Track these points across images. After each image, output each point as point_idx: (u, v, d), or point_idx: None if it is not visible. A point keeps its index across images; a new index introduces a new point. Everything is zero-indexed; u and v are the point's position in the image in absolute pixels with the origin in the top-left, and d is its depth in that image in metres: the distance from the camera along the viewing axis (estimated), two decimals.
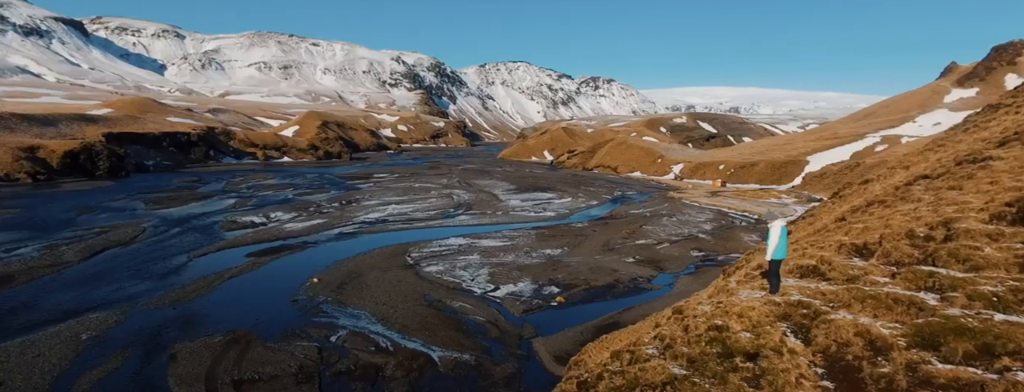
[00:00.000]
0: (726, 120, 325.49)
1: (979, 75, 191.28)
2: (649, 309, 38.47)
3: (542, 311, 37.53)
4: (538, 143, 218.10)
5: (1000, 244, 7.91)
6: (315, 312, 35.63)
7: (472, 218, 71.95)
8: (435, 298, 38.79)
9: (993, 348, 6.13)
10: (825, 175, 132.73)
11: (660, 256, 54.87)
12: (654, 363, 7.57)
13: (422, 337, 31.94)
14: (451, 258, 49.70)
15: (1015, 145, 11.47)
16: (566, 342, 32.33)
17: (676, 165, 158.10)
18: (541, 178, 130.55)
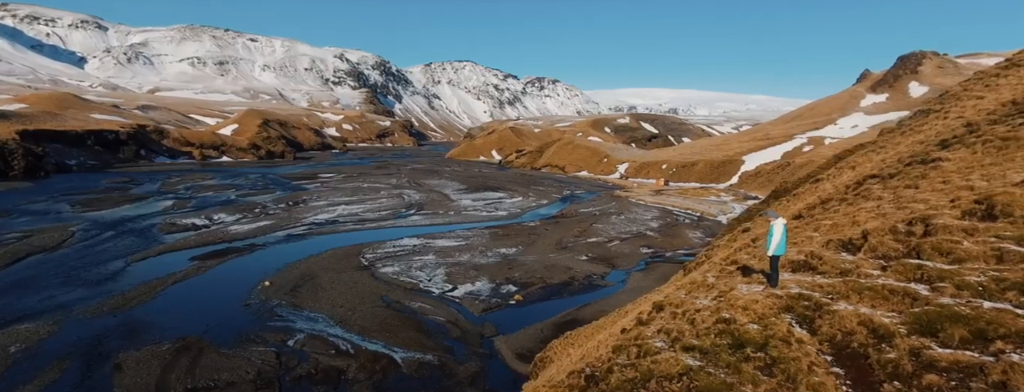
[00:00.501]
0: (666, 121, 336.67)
1: (888, 82, 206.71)
2: (605, 305, 39.67)
3: (501, 310, 37.98)
4: (486, 143, 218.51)
5: (976, 238, 8.52)
6: (269, 316, 34.66)
7: (425, 218, 71.55)
8: (393, 299, 38.53)
9: (986, 333, 6.70)
10: (760, 174, 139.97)
11: (612, 253, 56.45)
12: (665, 355, 7.90)
13: (383, 339, 31.73)
14: (407, 259, 49.36)
15: (958, 147, 12.81)
16: (527, 340, 32.92)
17: (621, 164, 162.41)
18: (491, 178, 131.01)
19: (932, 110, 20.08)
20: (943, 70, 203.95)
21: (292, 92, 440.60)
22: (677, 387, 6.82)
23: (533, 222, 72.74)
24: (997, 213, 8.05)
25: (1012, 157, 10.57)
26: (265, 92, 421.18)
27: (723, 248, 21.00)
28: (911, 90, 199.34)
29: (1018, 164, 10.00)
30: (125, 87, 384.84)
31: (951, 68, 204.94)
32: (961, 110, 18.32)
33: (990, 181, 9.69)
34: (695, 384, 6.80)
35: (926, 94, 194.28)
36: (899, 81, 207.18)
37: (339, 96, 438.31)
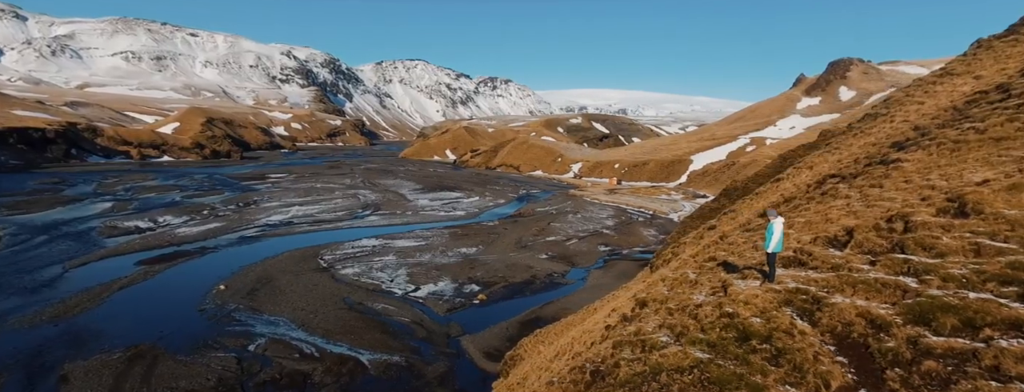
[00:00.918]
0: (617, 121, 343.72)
1: (821, 86, 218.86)
2: (567, 303, 40.48)
3: (466, 309, 38.15)
4: (440, 142, 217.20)
5: (953, 234, 9.10)
6: (227, 321, 33.60)
7: (382, 218, 70.68)
8: (355, 301, 38.04)
9: (974, 321, 7.18)
10: (707, 173, 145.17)
11: (570, 252, 57.46)
12: (673, 350, 8.16)
13: (348, 341, 31.35)
14: (366, 260, 48.74)
15: (914, 149, 13.90)
16: (493, 338, 33.25)
17: (575, 164, 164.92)
18: (446, 177, 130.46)
19: (879, 114, 21.68)
20: (867, 76, 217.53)
21: (237, 90, 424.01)
22: (688, 379, 7.14)
23: (492, 222, 73.06)
24: (969, 211, 8.91)
25: (964, 158, 11.72)
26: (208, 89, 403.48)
27: (690, 245, 21.90)
28: (841, 94, 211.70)
29: (970, 165, 11.11)
30: (50, 82, 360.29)
31: (874, 74, 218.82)
32: (905, 114, 19.92)
33: (949, 181, 10.73)
34: (706, 375, 7.12)
35: (854, 98, 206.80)
36: (830, 85, 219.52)
37: (287, 94, 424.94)
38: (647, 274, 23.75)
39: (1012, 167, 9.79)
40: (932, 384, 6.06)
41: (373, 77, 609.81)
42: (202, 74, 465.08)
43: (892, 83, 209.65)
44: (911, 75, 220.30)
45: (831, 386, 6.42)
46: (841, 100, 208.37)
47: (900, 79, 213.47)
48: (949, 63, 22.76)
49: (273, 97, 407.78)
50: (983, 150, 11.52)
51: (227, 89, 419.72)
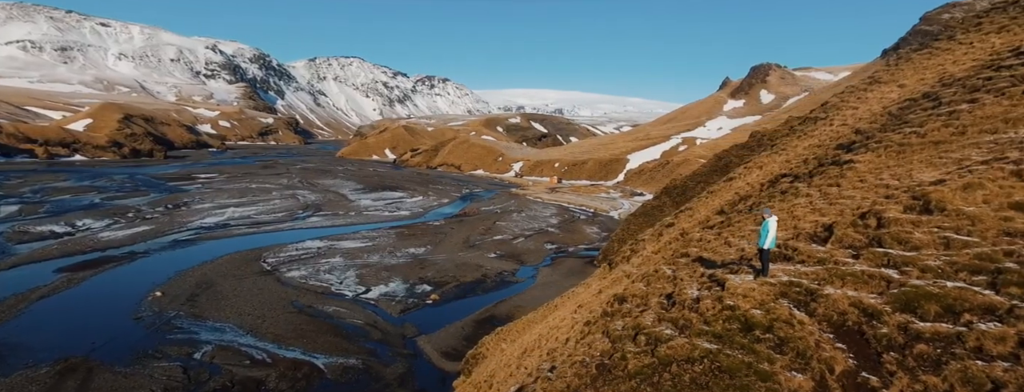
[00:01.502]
0: (555, 121, 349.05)
1: (744, 89, 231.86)
2: (520, 301, 41.14)
3: (419, 310, 38.02)
4: (379, 141, 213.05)
5: (923, 229, 9.86)
6: (168, 329, 31.91)
7: (325, 219, 68.81)
8: (305, 304, 37.07)
9: (954, 307, 7.87)
10: (643, 172, 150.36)
11: (518, 250, 58.23)
12: (680, 342, 8.54)
13: (301, 345, 30.58)
14: (312, 262, 47.45)
15: (862, 151, 15.31)
16: (450, 338, 33.39)
17: (516, 163, 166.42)
18: (387, 177, 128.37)
19: (818, 117, 23.63)
20: (784, 80, 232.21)
21: (157, 85, 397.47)
22: (699, 369, 7.60)
23: (437, 221, 72.79)
24: (932, 208, 9.86)
25: (910, 160, 13.12)
26: (123, 84, 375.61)
27: (650, 242, 22.94)
28: (762, 97, 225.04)
29: (916, 166, 12.48)
30: None
31: (790, 79, 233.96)
32: (843, 118, 21.85)
33: (900, 180, 12.01)
34: (717, 365, 7.59)
35: (773, 101, 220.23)
36: (753, 89, 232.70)
37: (213, 90, 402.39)
38: (605, 271, 24.64)
39: (953, 167, 11.20)
40: (925, 365, 6.82)
41: (306, 74, 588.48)
42: (116, 67, 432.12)
43: (805, 87, 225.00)
44: (821, 80, 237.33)
45: (835, 371, 7.08)
46: (762, 103, 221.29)
47: (812, 84, 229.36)
48: (875, 71, 25.15)
49: (198, 93, 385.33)
50: (925, 152, 12.99)
51: (145, 84, 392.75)
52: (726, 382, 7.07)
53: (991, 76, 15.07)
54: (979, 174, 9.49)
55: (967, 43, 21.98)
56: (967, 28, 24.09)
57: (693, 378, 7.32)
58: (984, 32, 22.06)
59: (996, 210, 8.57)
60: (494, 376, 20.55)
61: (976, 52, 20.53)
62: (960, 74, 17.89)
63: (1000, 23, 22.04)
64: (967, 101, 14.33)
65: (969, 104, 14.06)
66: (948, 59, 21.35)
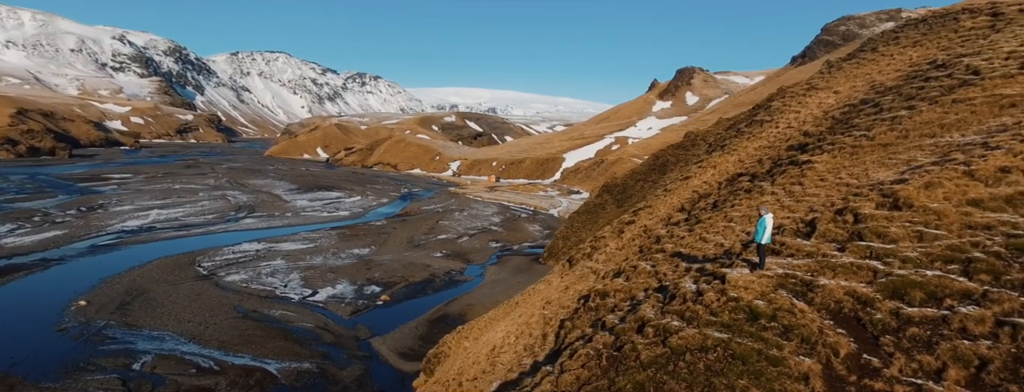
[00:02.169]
0: (490, 120, 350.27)
1: (671, 91, 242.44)
2: (471, 300, 41.45)
3: (370, 311, 37.54)
4: (310, 140, 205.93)
5: (896, 224, 10.63)
6: (99, 339, 29.85)
7: (260, 221, 66.04)
8: (249, 309, 35.69)
9: (937, 293, 8.65)
10: (579, 170, 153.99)
11: (464, 249, 58.43)
12: (689, 332, 9.00)
13: (250, 351, 29.53)
14: (252, 265, 45.60)
15: (817, 152, 16.71)
16: (405, 338, 33.25)
17: (454, 162, 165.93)
18: (322, 177, 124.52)
19: (764, 120, 25.47)
20: (707, 83, 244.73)
21: (55, 77, 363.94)
22: (713, 357, 8.17)
23: (379, 221, 71.67)
24: (901, 205, 10.96)
25: (863, 161, 14.59)
26: (12, 75, 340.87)
27: (611, 239, 23.87)
28: (688, 99, 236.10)
29: (870, 166, 13.90)
30: None
31: (712, 82, 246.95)
32: (788, 121, 23.74)
33: (858, 179, 13.38)
34: (730, 352, 8.18)
35: (697, 102, 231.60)
36: (679, 90, 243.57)
37: (123, 84, 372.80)
38: (564, 268, 25.32)
39: (903, 167, 12.70)
40: (919, 346, 7.68)
41: (228, 69, 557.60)
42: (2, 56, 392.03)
43: (726, 90, 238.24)
44: (739, 84, 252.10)
45: (840, 354, 7.86)
46: (688, 104, 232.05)
47: (731, 87, 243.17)
48: (811, 79, 27.56)
49: (105, 87, 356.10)
50: (875, 154, 14.51)
51: (41, 75, 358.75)
52: (740, 368, 7.74)
53: (922, 86, 17.10)
54: (936, 174, 10.83)
55: (888, 55, 24.65)
56: (887, 41, 26.93)
57: (708, 365, 7.95)
58: (902, 45, 24.82)
59: (956, 206, 9.86)
60: (463, 374, 20.82)
61: (897, 63, 23.09)
62: (890, 83, 20.12)
63: (914, 38, 24.86)
64: (905, 108, 16.20)
65: (908, 111, 15.90)
66: (874, 69, 23.87)
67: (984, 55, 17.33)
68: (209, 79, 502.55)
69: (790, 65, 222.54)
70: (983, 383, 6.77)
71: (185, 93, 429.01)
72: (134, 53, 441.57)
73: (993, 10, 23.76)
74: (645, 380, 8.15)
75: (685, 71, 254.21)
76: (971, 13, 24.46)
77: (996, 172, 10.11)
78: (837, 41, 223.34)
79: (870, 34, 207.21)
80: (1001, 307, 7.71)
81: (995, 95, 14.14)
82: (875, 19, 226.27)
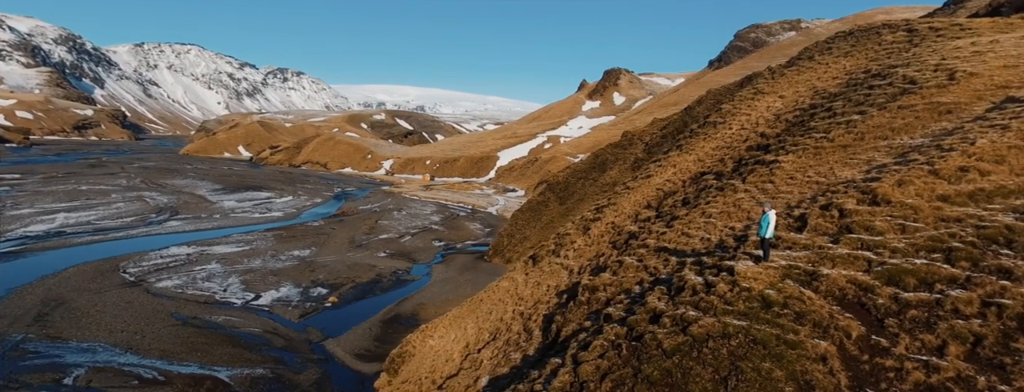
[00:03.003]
0: (420, 118, 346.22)
1: (600, 91, 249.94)
2: (422, 299, 41.21)
3: (319, 313, 36.51)
4: (230, 138, 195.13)
5: (880, 217, 11.52)
6: (18, 355, 27.23)
7: (187, 223, 62.08)
8: (189, 315, 33.73)
9: (927, 279, 9.57)
10: (513, 169, 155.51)
11: (407, 248, 57.81)
12: (708, 320, 9.52)
13: (197, 359, 27.98)
14: (185, 269, 42.95)
15: (783, 153, 17.89)
16: (360, 340, 32.65)
17: (386, 161, 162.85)
18: (248, 176, 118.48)
19: (717, 122, 27.04)
20: (633, 84, 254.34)
21: None
22: (735, 343, 8.80)
23: (316, 222, 69.39)
24: (879, 200, 12.07)
25: (827, 161, 15.98)
26: None
27: (577, 236, 24.51)
28: (615, 99, 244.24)
29: (834, 166, 15.24)
30: None
31: (637, 83, 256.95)
32: (740, 123, 25.41)
33: (826, 177, 14.66)
34: (751, 338, 8.83)
35: (624, 103, 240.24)
36: (607, 91, 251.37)
37: (3, 75, 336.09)
38: (528, 265, 25.74)
39: (865, 167, 14.17)
40: (920, 326, 8.66)
41: (132, 61, 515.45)
42: None
43: (650, 91, 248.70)
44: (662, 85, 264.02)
45: (852, 335, 8.70)
46: (616, 104, 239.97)
47: (655, 88, 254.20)
48: (757, 83, 29.65)
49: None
50: (837, 154, 15.96)
51: None
52: (762, 352, 8.46)
53: (869, 93, 19.05)
54: (905, 173, 12.17)
55: (825, 63, 27.13)
56: (822, 51, 29.52)
57: (731, 351, 8.61)
58: (834, 55, 27.40)
59: (928, 201, 11.15)
60: (436, 372, 20.87)
61: (833, 71, 25.53)
62: (832, 89, 22.22)
63: (845, 49, 27.54)
64: (857, 113, 17.95)
65: (860, 115, 17.65)
66: (813, 75, 26.21)
67: (914, 67, 19.61)
68: (110, 71, 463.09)
69: (708, 68, 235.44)
70: (980, 357, 7.81)
71: (82, 86, 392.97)
72: (17, 40, 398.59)
73: (908, 27, 26.91)
74: (672, 366, 8.76)
75: (612, 72, 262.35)
76: (890, 28, 27.51)
77: (957, 171, 11.58)
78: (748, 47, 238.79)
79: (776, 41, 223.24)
80: (984, 290, 8.82)
81: (933, 102, 16.11)
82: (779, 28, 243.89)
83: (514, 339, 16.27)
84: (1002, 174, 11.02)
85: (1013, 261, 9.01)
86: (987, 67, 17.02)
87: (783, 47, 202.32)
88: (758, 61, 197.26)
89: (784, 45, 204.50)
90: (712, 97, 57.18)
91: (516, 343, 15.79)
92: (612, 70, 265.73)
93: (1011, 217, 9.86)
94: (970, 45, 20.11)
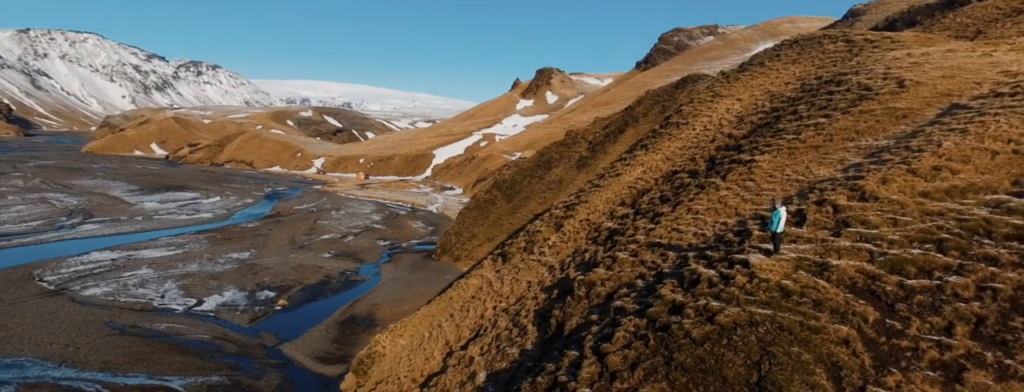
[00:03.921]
0: (349, 115, 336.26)
1: (533, 90, 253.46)
2: (377, 298, 40.50)
3: (270, 317, 35.08)
4: (142, 135, 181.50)
5: (872, 212, 12.32)
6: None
7: (105, 227, 57.36)
8: (126, 324, 31.42)
9: (925, 267, 10.37)
10: (450, 166, 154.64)
11: (352, 249, 56.44)
12: (733, 310, 10.05)
13: (143, 369, 26.21)
14: (113, 276, 39.83)
15: (758, 153, 18.83)
16: (318, 342, 31.72)
17: (317, 159, 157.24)
18: (167, 176, 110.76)
19: (679, 123, 28.31)
20: (564, 83, 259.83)
21: None
22: (763, 330, 9.42)
23: (250, 223, 66.20)
24: (868, 197, 13.01)
25: (801, 160, 17.18)
26: None
27: (550, 233, 24.92)
28: (548, 98, 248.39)
29: (809, 165, 16.35)
30: None
31: (569, 83, 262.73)
32: (702, 123, 26.75)
33: (804, 176, 15.77)
34: (778, 323, 9.47)
35: (557, 102, 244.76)
36: (540, 90, 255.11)
37: None
38: (497, 263, 25.95)
39: (839, 166, 15.47)
40: (928, 310, 9.55)
41: (15, 48, 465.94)
42: None
43: (581, 91, 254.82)
44: (592, 85, 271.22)
45: (869, 320, 9.51)
46: (549, 103, 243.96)
47: (586, 88, 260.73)
48: (714, 86, 31.31)
49: None
50: (810, 155, 17.26)
51: None
52: (788, 337, 9.16)
53: (830, 98, 20.79)
54: (886, 172, 13.42)
55: (775, 69, 29.25)
56: (771, 58, 31.73)
57: (759, 337, 9.26)
58: (783, 62, 29.61)
59: (912, 197, 12.38)
60: (415, 370, 20.75)
61: (784, 76, 27.61)
62: (788, 93, 24.05)
63: (792, 56, 29.85)
64: (823, 116, 19.51)
65: (825, 119, 19.20)
66: (766, 80, 28.22)
67: (865, 74, 21.67)
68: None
69: (636, 70, 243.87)
70: (983, 335, 8.88)
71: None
72: None
73: (846, 38, 29.59)
74: (704, 354, 9.38)
75: (544, 71, 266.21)
76: (830, 39, 30.15)
77: (931, 170, 12.98)
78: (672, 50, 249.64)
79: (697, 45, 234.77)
80: (977, 275, 9.93)
81: (890, 108, 17.91)
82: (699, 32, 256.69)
83: (504, 335, 16.48)
84: (970, 173, 12.52)
85: (996, 250, 10.24)
86: (928, 76, 19.19)
87: (703, 51, 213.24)
88: (682, 63, 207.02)
89: (704, 49, 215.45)
90: (651, 98, 59.79)
91: (509, 339, 16.02)
92: (544, 69, 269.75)
93: (986, 210, 11.22)
94: (907, 56, 22.51)
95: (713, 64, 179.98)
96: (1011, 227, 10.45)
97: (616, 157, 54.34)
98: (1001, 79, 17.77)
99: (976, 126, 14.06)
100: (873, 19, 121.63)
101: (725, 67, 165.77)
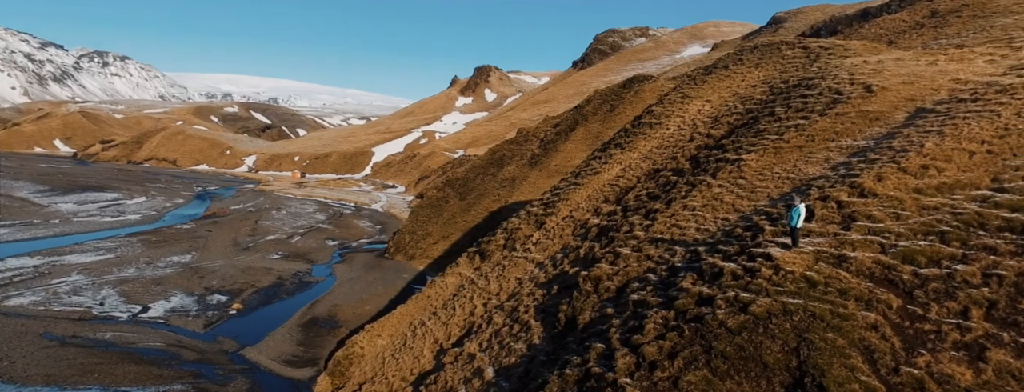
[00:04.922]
0: (279, 111, 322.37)
1: (472, 88, 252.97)
2: (336, 299, 39.40)
3: (226, 322, 33.37)
4: (42, 130, 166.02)
5: (874, 207, 13.01)
6: None
7: (16, 231, 52.17)
8: (65, 334, 28.93)
9: (934, 257, 11.09)
10: (390, 164, 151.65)
11: (301, 249, 54.50)
12: (765, 301, 10.58)
13: (95, 381, 24.30)
14: (39, 283, 36.45)
15: (744, 152, 19.54)
16: (281, 345, 30.53)
17: (248, 157, 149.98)
18: (80, 175, 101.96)
19: (653, 122, 29.13)
20: (503, 82, 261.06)
21: None
22: (796, 319, 10.00)
23: (185, 224, 62.39)
24: (866, 193, 13.82)
25: (789, 159, 18.14)
26: None
27: (530, 230, 25.02)
28: (487, 95, 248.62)
29: (797, 164, 17.30)
30: None
31: (507, 81, 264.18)
32: (676, 124, 27.59)
33: (793, 173, 16.66)
34: (810, 311, 10.07)
35: (496, 99, 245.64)
36: (479, 87, 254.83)
37: None
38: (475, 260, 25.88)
39: (825, 164, 16.56)
40: (943, 296, 10.35)
41: None
42: None
43: (519, 89, 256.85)
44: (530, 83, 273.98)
45: (893, 306, 10.27)
46: (488, 101, 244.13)
47: (524, 86, 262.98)
48: (683, 88, 32.53)
49: None
50: (795, 154, 18.33)
51: None
52: (821, 324, 9.81)
53: (805, 101, 22.21)
54: (879, 170, 14.52)
55: (739, 73, 30.88)
56: (734, 62, 33.37)
57: (794, 325, 9.87)
58: (746, 66, 31.30)
59: (907, 193, 13.45)
60: (404, 369, 20.47)
61: (750, 79, 29.22)
62: (758, 95, 25.49)
63: (754, 61, 31.62)
64: (801, 118, 20.77)
65: (804, 120, 20.47)
66: (733, 83, 29.73)
67: (832, 79, 23.35)
68: None
69: (573, 69, 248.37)
70: (996, 317, 9.88)
71: None
72: None
73: (802, 45, 31.72)
74: (743, 342, 9.96)
75: (483, 69, 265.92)
76: (788, 45, 32.22)
77: (920, 168, 14.22)
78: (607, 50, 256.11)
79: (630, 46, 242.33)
80: (981, 263, 10.91)
81: (863, 111, 19.44)
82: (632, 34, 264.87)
83: (505, 331, 16.57)
84: (953, 171, 13.88)
85: (993, 240, 11.42)
86: (891, 82, 21.02)
87: (637, 52, 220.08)
88: (618, 63, 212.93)
89: (637, 50, 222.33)
90: (599, 97, 61.32)
91: (511, 334, 16.13)
92: (483, 67, 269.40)
93: (975, 205, 12.49)
94: (864, 63, 24.55)
95: (646, 64, 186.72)
96: (1001, 219, 11.69)
97: (570, 154, 55.53)
98: (955, 86, 19.73)
99: (950, 128, 15.58)
100: (796, 26, 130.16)
101: (658, 67, 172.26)
